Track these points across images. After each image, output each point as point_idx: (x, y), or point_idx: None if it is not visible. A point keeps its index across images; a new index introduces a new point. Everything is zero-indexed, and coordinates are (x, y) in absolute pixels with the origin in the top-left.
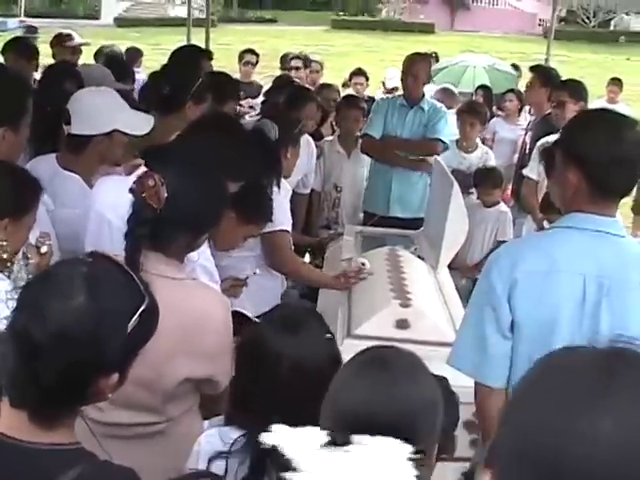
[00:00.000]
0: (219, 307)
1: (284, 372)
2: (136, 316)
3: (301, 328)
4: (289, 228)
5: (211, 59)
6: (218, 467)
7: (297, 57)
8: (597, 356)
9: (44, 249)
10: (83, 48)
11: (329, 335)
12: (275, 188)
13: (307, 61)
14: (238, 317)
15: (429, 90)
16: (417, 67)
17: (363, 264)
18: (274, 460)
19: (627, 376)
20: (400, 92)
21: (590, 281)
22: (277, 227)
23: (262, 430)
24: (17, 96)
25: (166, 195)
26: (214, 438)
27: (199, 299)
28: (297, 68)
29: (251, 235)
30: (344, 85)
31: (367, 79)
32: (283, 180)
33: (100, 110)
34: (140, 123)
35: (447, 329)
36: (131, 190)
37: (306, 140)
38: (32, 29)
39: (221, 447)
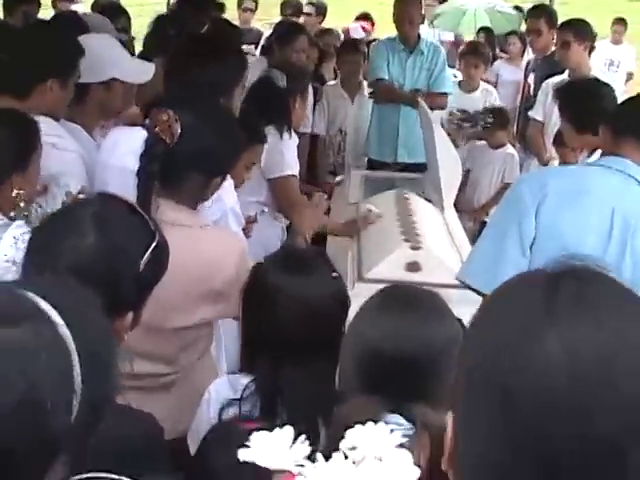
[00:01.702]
0: (233, 250)
1: (288, 312)
2: (148, 253)
3: (306, 267)
4: (297, 173)
5: (222, 11)
6: (230, 413)
7: (311, 3)
8: (547, 275)
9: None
10: None
11: (335, 274)
12: (286, 134)
13: (320, 7)
14: None
15: (429, 35)
16: (411, 10)
17: (370, 210)
18: (285, 402)
19: (571, 290)
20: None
21: (618, 216)
22: (286, 172)
23: (270, 374)
24: (70, 52)
25: (179, 131)
26: (224, 386)
27: (210, 245)
28: (309, 14)
29: (252, 163)
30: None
31: (373, 24)
32: (292, 131)
33: (98, 58)
34: (140, 71)
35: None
36: (144, 126)
37: None
38: None
39: (232, 395)
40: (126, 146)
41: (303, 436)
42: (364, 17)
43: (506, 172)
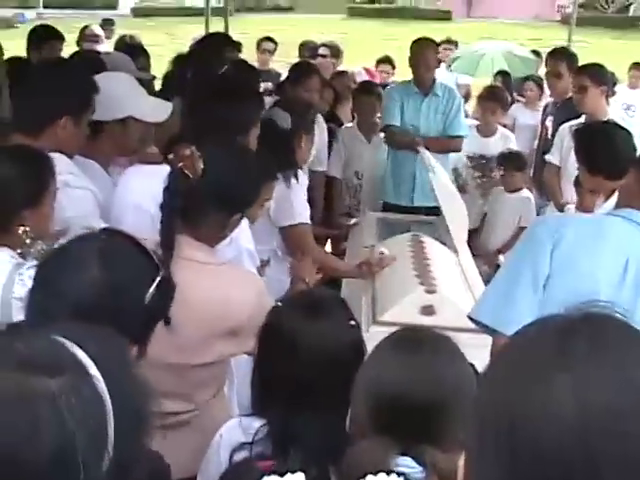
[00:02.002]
0: (250, 288)
1: (304, 358)
2: (153, 287)
3: (323, 313)
4: (308, 220)
5: (239, 51)
6: (239, 457)
7: (325, 45)
8: (564, 321)
9: None
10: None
11: (353, 322)
12: (293, 180)
13: (335, 49)
14: None
15: (447, 79)
16: (427, 54)
17: (382, 252)
18: (297, 448)
19: (586, 335)
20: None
21: (632, 264)
22: (297, 220)
23: (283, 418)
24: (83, 89)
25: (202, 166)
26: (235, 429)
27: (228, 282)
28: (324, 56)
29: (265, 199)
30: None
31: (393, 67)
32: (300, 172)
33: (114, 95)
34: (157, 110)
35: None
36: (168, 161)
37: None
38: None
39: (243, 438)
40: (142, 185)
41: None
42: (385, 60)
43: (522, 216)
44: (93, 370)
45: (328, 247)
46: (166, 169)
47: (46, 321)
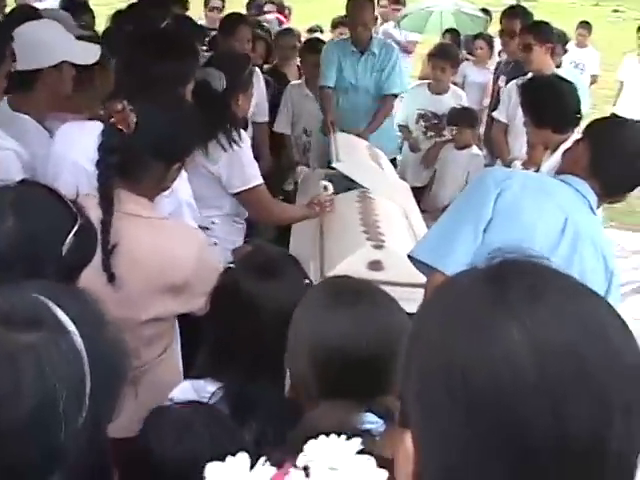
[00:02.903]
0: (192, 243)
1: (262, 319)
2: (70, 237)
3: (278, 273)
4: (261, 179)
5: (186, 8)
6: None
7: (271, 2)
8: (489, 269)
9: None
10: None
11: (307, 280)
12: (238, 140)
13: (281, 6)
14: None
15: (394, 36)
16: (364, 12)
17: (325, 187)
18: (254, 413)
19: (519, 281)
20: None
21: (571, 223)
22: (252, 183)
23: (241, 381)
24: None
25: (135, 120)
26: (188, 391)
27: (171, 236)
28: (270, 12)
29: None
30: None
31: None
32: (242, 132)
33: (46, 42)
34: (88, 52)
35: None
36: (99, 119)
37: None
38: None
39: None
40: (79, 140)
41: (263, 458)
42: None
43: (471, 172)
44: (71, 326)
45: None
46: (99, 125)
47: None
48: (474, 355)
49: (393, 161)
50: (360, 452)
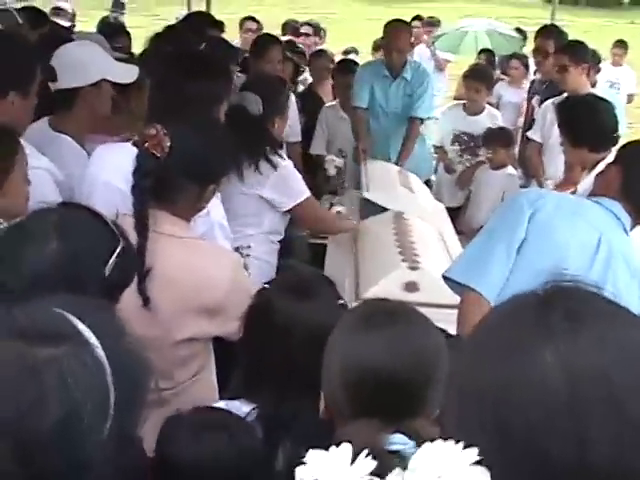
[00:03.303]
0: (226, 265)
1: (296, 340)
2: (112, 259)
3: (313, 294)
4: (308, 192)
5: (222, 30)
6: None
7: (307, 24)
8: (540, 294)
9: None
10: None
11: (341, 301)
12: (281, 160)
13: (317, 28)
14: None
15: (427, 57)
16: (400, 39)
17: (339, 212)
18: (288, 433)
19: (564, 306)
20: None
21: (604, 243)
22: (302, 197)
23: (274, 402)
24: (26, 61)
25: (169, 144)
26: None
27: (205, 257)
28: (307, 35)
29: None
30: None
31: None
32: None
33: (85, 61)
34: (126, 72)
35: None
36: (134, 143)
37: None
38: None
39: None
40: (112, 162)
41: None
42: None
43: (506, 193)
44: (93, 340)
45: None
46: (133, 146)
47: (4, 296)
48: (509, 377)
49: (427, 182)
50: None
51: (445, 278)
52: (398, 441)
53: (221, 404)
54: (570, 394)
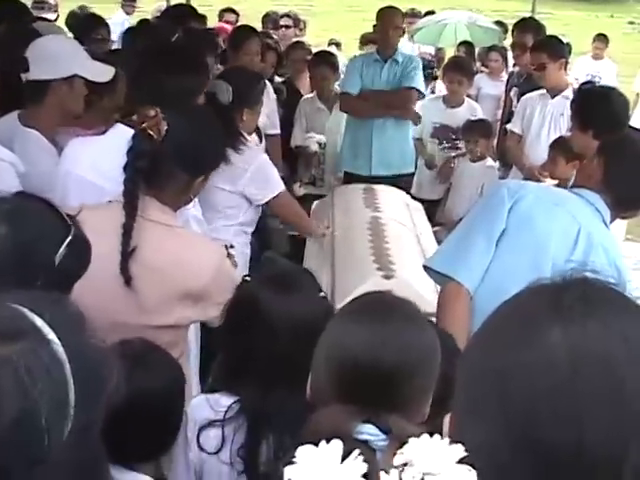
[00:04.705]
0: (212, 254)
1: (278, 332)
2: (63, 248)
3: (296, 286)
4: (283, 185)
5: (204, 23)
6: (211, 436)
7: (287, 15)
8: (556, 281)
9: None
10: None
11: (322, 293)
12: (262, 154)
13: (297, 20)
14: None
15: (409, 49)
16: (394, 20)
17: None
18: (272, 426)
19: (579, 292)
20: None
21: (584, 234)
22: (277, 190)
23: (256, 394)
24: None
25: (166, 127)
26: (202, 406)
27: (191, 245)
28: (287, 27)
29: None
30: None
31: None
32: (256, 140)
33: (59, 54)
34: (101, 71)
35: (432, 298)
36: (130, 125)
37: None
38: None
39: (212, 415)
40: (85, 156)
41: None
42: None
43: (486, 184)
44: (52, 336)
45: None
46: (107, 140)
47: None
48: (516, 353)
49: (410, 175)
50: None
51: (426, 268)
52: (367, 431)
53: (202, 398)
54: (572, 374)
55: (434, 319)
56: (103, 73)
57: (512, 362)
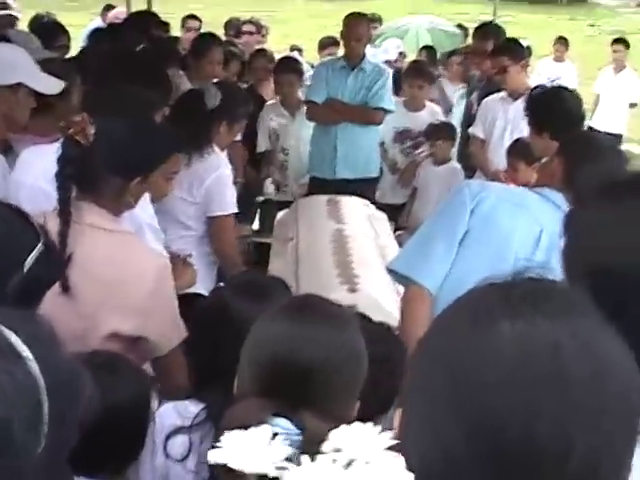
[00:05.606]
0: (153, 262)
1: None
2: (32, 256)
3: (269, 295)
4: (235, 209)
5: (167, 31)
6: (178, 443)
7: (249, 22)
8: (507, 280)
9: None
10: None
11: None
12: (224, 168)
13: (259, 26)
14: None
15: (372, 55)
16: (360, 29)
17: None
18: None
19: (527, 287)
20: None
21: (546, 235)
22: (228, 210)
23: (224, 401)
24: None
25: (93, 131)
26: (170, 413)
27: (131, 251)
28: (250, 33)
29: (172, 173)
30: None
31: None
32: (224, 158)
33: (4, 60)
34: (49, 84)
35: (395, 311)
36: (60, 130)
37: None
38: None
39: (179, 422)
40: (38, 164)
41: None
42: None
43: (451, 188)
44: (26, 352)
45: (256, 224)
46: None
47: None
48: (464, 343)
49: (375, 180)
50: None
51: (389, 270)
52: (280, 424)
53: (169, 405)
54: (520, 366)
55: (397, 332)
56: (52, 86)
57: (462, 352)
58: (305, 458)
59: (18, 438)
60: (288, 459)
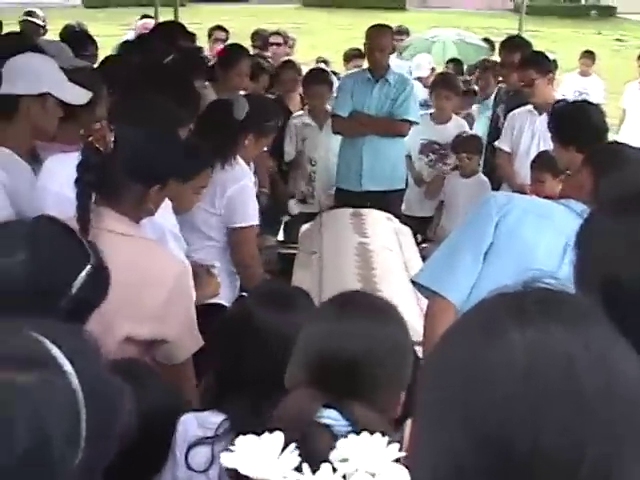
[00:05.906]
0: (174, 268)
1: (272, 350)
2: (82, 275)
3: (292, 305)
4: (257, 221)
5: (193, 41)
6: (200, 454)
7: (277, 33)
8: (517, 287)
9: None
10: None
11: None
12: (248, 180)
13: (286, 38)
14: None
15: (399, 66)
16: (383, 40)
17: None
18: None
19: (540, 297)
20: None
21: (570, 249)
22: (250, 222)
23: (247, 412)
24: None
25: (113, 139)
26: (191, 423)
27: (152, 257)
28: (277, 44)
29: (201, 187)
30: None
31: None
32: (248, 170)
33: (32, 70)
34: (76, 94)
35: (418, 325)
36: (80, 138)
37: None
38: None
39: (201, 433)
40: (62, 172)
41: (293, 445)
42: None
43: (478, 200)
44: (68, 367)
45: (281, 235)
46: None
47: None
48: (474, 354)
49: (401, 191)
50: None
51: (414, 283)
52: (330, 416)
53: (190, 416)
54: (529, 376)
55: (420, 347)
56: (79, 96)
57: (473, 362)
58: (305, 467)
59: (56, 451)
60: (297, 469)
